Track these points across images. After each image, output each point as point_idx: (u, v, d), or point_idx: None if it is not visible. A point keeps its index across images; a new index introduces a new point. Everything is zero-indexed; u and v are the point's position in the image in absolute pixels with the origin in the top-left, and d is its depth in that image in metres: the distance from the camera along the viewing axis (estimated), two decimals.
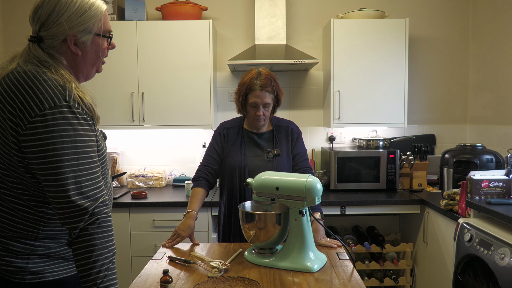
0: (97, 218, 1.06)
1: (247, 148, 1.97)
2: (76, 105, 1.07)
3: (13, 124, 1.04)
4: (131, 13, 2.97)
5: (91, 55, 1.19)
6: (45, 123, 1.02)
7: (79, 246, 1.05)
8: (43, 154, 1.03)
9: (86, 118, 1.10)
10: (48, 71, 1.09)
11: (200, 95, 2.97)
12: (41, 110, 1.03)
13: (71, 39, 1.13)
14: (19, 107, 1.04)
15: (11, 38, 3.26)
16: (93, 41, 1.17)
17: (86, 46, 1.16)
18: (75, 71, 1.19)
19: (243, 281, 1.34)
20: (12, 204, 1.12)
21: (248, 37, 3.30)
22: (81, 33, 1.13)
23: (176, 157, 3.35)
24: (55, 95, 1.05)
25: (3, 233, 1.12)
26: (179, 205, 2.71)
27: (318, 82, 3.34)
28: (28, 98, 1.04)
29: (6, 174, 1.10)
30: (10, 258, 1.12)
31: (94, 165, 1.10)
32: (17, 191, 1.11)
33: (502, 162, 2.41)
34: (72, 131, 1.05)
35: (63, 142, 1.04)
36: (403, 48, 2.98)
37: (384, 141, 3.08)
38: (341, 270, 1.48)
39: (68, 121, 1.05)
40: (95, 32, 1.16)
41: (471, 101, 3.34)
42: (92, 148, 1.10)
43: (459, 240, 2.03)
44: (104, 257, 1.06)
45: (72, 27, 1.11)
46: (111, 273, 1.08)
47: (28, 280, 1.13)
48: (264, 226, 1.52)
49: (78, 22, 1.12)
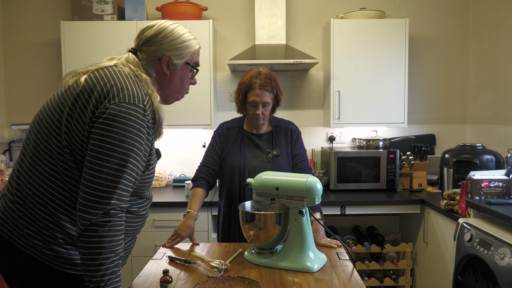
0: (109, 221, 1.07)
1: (247, 149, 1.98)
2: (150, 114, 1.16)
3: (93, 107, 1.12)
4: (131, 13, 2.97)
5: (176, 79, 1.33)
6: (119, 112, 1.10)
7: (87, 246, 1.06)
8: (103, 138, 1.08)
9: (150, 127, 1.17)
10: (140, 77, 1.21)
11: (200, 95, 2.97)
12: (121, 102, 1.11)
13: (165, 59, 1.28)
14: (104, 93, 1.13)
15: (11, 38, 3.26)
16: (182, 67, 1.33)
17: (175, 70, 1.31)
18: (158, 90, 1.28)
19: (243, 281, 1.34)
20: (69, 186, 1.17)
21: (248, 37, 3.30)
22: (176, 57, 1.29)
23: (176, 157, 3.35)
24: (137, 95, 1.15)
25: (58, 212, 1.15)
26: (179, 205, 2.71)
27: (318, 82, 3.34)
28: (114, 88, 1.13)
29: (71, 160, 1.14)
30: (54, 246, 1.15)
31: (136, 170, 1.14)
32: (68, 185, 1.16)
33: (502, 162, 2.41)
34: (136, 130, 1.12)
35: (124, 136, 1.09)
36: (403, 48, 2.98)
37: (384, 141, 3.08)
38: (341, 270, 1.48)
39: (137, 121, 1.12)
40: (186, 61, 1.32)
41: (471, 101, 3.34)
42: (143, 154, 1.16)
43: (459, 240, 2.03)
44: (110, 261, 1.08)
45: (170, 50, 1.28)
46: (115, 275, 1.10)
47: (67, 269, 1.16)
48: (264, 226, 1.52)
49: (177, 47, 1.29)
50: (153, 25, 1.30)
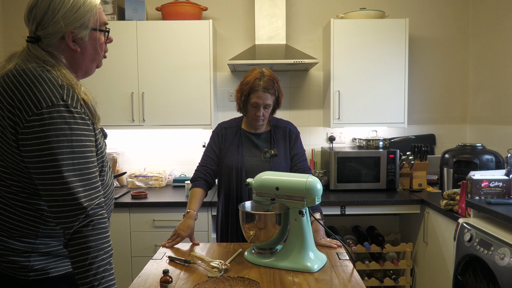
0: (92, 220, 1.05)
1: (245, 148, 1.98)
2: (75, 104, 1.07)
3: (12, 122, 1.04)
4: (131, 13, 2.97)
5: (90, 50, 1.19)
6: (42, 121, 1.02)
7: (74, 249, 1.05)
8: (40, 153, 1.03)
9: (84, 117, 1.09)
10: (52, 70, 1.10)
11: (200, 95, 2.97)
12: (39, 109, 1.02)
13: (69, 36, 1.13)
14: (17, 105, 1.03)
15: (11, 38, 3.26)
16: (90, 36, 1.17)
17: (84, 42, 1.16)
18: (74, 68, 1.19)
19: (243, 281, 1.34)
20: (11, 202, 1.11)
21: (248, 37, 3.30)
22: (78, 29, 1.13)
23: (176, 157, 3.35)
24: (52, 94, 1.04)
25: (4, 232, 1.12)
26: (179, 205, 2.71)
27: (318, 82, 3.34)
28: (26, 96, 1.03)
29: (6, 172, 1.09)
30: (12, 256, 1.12)
31: (91, 165, 1.09)
32: (16, 188, 1.11)
33: (502, 162, 2.41)
34: (69, 130, 1.05)
35: (59, 141, 1.03)
36: (403, 48, 2.98)
37: (384, 141, 3.08)
38: (341, 270, 1.48)
39: (65, 120, 1.04)
40: (91, 27, 1.16)
41: (471, 101, 3.34)
42: (89, 148, 1.10)
43: (459, 240, 2.03)
44: (100, 259, 1.06)
45: (69, 24, 1.11)
46: (109, 274, 1.07)
47: (32, 277, 1.13)
48: (264, 226, 1.52)
49: (74, 18, 1.12)
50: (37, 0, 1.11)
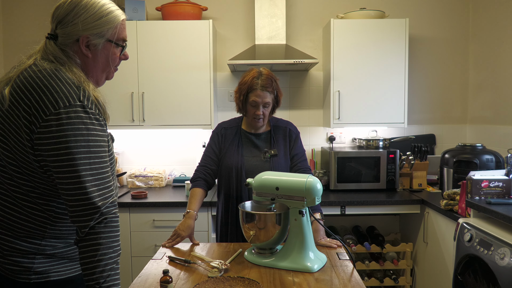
0: (105, 218, 1.08)
1: (245, 148, 1.98)
2: (90, 105, 1.09)
3: (27, 122, 1.06)
4: (131, 13, 2.97)
5: (101, 59, 1.21)
6: (59, 121, 1.04)
7: (86, 244, 1.06)
8: (57, 152, 1.04)
9: (99, 118, 1.12)
10: (64, 68, 1.12)
11: (200, 95, 2.97)
12: (56, 109, 1.04)
13: (84, 40, 1.16)
14: (34, 105, 1.05)
15: (11, 39, 3.26)
16: (104, 46, 1.19)
17: (97, 50, 1.19)
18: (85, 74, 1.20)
19: (243, 281, 1.34)
20: (20, 201, 1.12)
21: (248, 37, 3.30)
22: (94, 36, 1.16)
23: (176, 157, 3.35)
24: (70, 94, 1.07)
25: (11, 232, 1.12)
26: (179, 205, 2.71)
27: (318, 82, 3.34)
28: (43, 96, 1.05)
29: (17, 171, 1.10)
30: (16, 257, 1.12)
31: (105, 165, 1.12)
32: (26, 188, 1.11)
33: (502, 162, 2.41)
34: (85, 131, 1.07)
35: (77, 141, 1.05)
36: (403, 48, 2.98)
37: (384, 141, 3.08)
38: (341, 270, 1.48)
39: (82, 121, 1.06)
40: (108, 38, 1.19)
41: (471, 101, 3.34)
42: (103, 148, 1.12)
43: (459, 240, 2.03)
44: (108, 257, 1.08)
45: (86, 29, 1.14)
46: (114, 273, 1.10)
47: (33, 280, 1.13)
48: (264, 226, 1.52)
49: (93, 25, 1.15)
50: (65, 1, 1.14)
